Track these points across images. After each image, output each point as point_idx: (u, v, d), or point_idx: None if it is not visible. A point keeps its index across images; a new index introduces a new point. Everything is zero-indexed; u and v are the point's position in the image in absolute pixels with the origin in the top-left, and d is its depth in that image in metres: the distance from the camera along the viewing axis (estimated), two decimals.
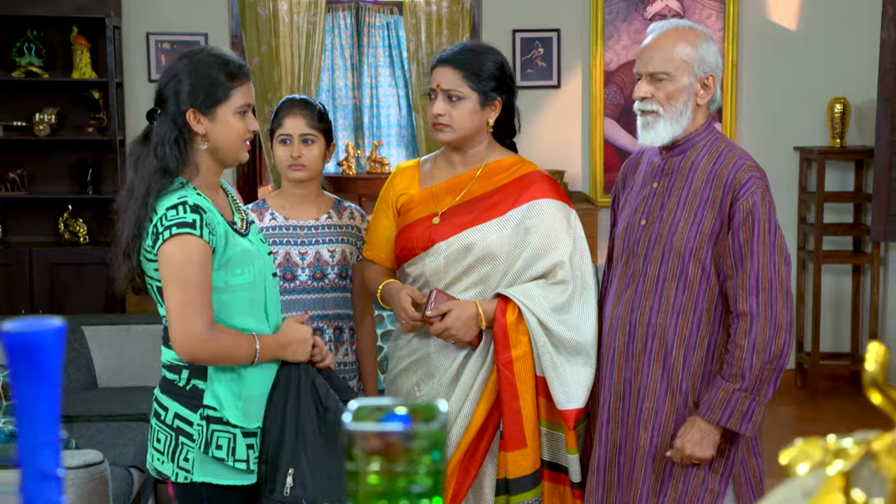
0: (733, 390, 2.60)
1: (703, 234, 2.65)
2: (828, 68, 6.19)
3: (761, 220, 2.59)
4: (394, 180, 2.99)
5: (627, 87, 6.22)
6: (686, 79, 2.66)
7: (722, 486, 2.70)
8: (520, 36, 6.19)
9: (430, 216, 2.87)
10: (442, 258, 2.82)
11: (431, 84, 2.84)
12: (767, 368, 2.60)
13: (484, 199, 2.86)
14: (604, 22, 6.18)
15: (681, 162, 2.73)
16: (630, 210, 2.82)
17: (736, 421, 2.61)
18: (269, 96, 6.11)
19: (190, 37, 6.12)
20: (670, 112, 2.68)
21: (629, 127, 6.23)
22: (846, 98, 6.06)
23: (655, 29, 2.76)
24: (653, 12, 6.18)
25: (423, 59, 6.19)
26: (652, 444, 2.72)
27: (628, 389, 2.76)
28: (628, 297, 2.76)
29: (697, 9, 6.19)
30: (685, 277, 2.67)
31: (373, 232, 3.02)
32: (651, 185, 2.78)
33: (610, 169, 6.22)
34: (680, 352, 2.68)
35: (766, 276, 2.58)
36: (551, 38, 6.18)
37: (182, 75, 2.49)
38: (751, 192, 2.60)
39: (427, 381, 2.88)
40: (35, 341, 0.78)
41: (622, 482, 2.78)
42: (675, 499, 2.71)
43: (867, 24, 6.05)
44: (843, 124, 6.07)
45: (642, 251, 2.75)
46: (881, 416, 0.83)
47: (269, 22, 6.07)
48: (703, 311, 2.67)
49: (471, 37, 6.18)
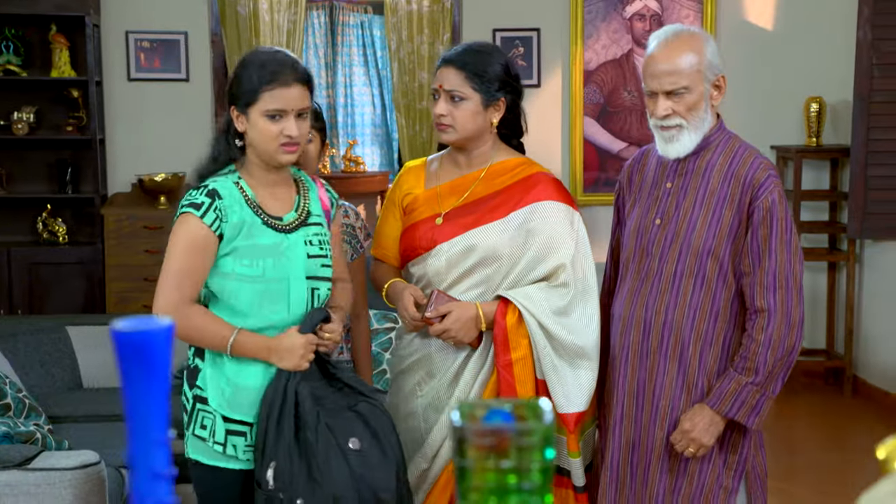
0: (746, 383, 2.64)
1: (722, 232, 2.68)
2: (804, 68, 6.27)
3: (780, 218, 2.65)
4: (401, 179, 2.99)
5: (607, 85, 6.27)
6: (702, 87, 2.67)
7: (735, 482, 2.72)
8: (500, 35, 6.22)
9: (434, 216, 2.87)
10: (444, 259, 2.82)
11: (435, 84, 2.85)
12: (780, 364, 2.64)
13: (487, 201, 2.84)
14: (583, 21, 6.22)
15: (696, 162, 2.75)
16: (642, 210, 2.83)
17: (744, 413, 2.65)
18: None
19: (169, 35, 6.10)
20: (693, 122, 2.69)
21: (608, 126, 6.29)
22: (822, 98, 6.14)
23: (657, 42, 2.73)
24: (632, 12, 6.23)
25: (405, 58, 6.20)
26: (667, 441, 2.73)
27: (643, 388, 2.77)
28: (643, 296, 2.77)
29: (676, 9, 6.25)
30: (703, 275, 2.70)
31: (380, 230, 3.02)
32: (664, 184, 2.79)
33: (589, 167, 6.27)
34: (696, 349, 2.70)
35: (783, 274, 2.63)
36: (531, 38, 6.22)
37: (236, 72, 2.63)
38: (769, 190, 2.65)
39: (428, 381, 2.87)
40: (145, 340, 0.78)
41: (636, 481, 2.78)
42: (689, 496, 2.72)
43: (843, 25, 6.13)
44: (819, 123, 6.15)
45: (657, 250, 2.76)
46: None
47: (249, 20, 6.06)
48: (720, 309, 2.70)
49: (451, 36, 6.20)
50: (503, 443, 0.74)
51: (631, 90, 6.26)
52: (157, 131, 6.17)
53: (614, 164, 6.29)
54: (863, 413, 5.83)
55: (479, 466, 0.74)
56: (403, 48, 6.19)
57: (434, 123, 2.86)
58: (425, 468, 2.84)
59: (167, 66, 6.15)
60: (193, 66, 6.17)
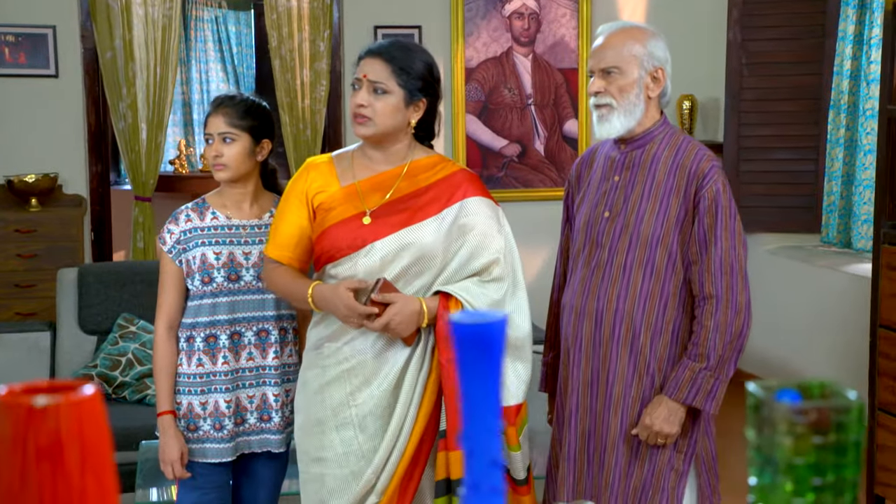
0: (699, 370, 2.73)
1: (670, 222, 2.78)
2: (676, 67, 6.44)
3: (724, 207, 2.75)
4: (306, 176, 2.87)
5: (488, 83, 6.33)
6: (636, 72, 2.81)
7: (686, 465, 2.83)
8: (381, 32, 6.19)
9: (359, 215, 2.79)
10: (378, 258, 2.76)
11: (358, 74, 2.78)
12: (729, 347, 2.74)
13: (415, 198, 2.81)
14: (464, 19, 6.26)
15: (641, 155, 2.86)
16: (590, 204, 2.92)
17: (701, 399, 2.74)
18: (123, 92, 5.87)
19: (36, 29, 5.82)
20: (623, 104, 2.80)
21: (489, 123, 6.35)
22: (694, 96, 6.37)
23: (604, 30, 2.89)
24: (511, 10, 6.31)
25: (286, 55, 6.09)
26: (622, 428, 2.82)
27: (597, 377, 2.84)
28: (594, 287, 2.85)
29: (553, 7, 6.36)
30: (652, 264, 2.79)
31: (278, 230, 2.88)
32: (612, 178, 2.89)
33: (472, 164, 6.32)
34: (647, 336, 2.79)
35: (728, 260, 2.74)
36: (413, 35, 6.21)
37: None
38: (714, 180, 2.76)
39: (364, 390, 2.77)
40: (484, 332, 0.82)
41: (592, 469, 2.86)
42: (642, 478, 2.81)
43: (713, 25, 6.37)
44: (692, 120, 6.38)
45: (607, 241, 2.85)
46: None
47: (121, 14, 5.83)
48: (669, 296, 2.79)
49: (332, 33, 6.14)
50: (824, 419, 0.74)
51: (511, 87, 6.34)
52: (25, 130, 5.87)
53: (496, 160, 6.36)
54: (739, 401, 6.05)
55: (794, 445, 0.75)
56: (284, 45, 6.09)
57: (352, 114, 2.78)
58: (372, 479, 2.76)
59: (34, 61, 5.86)
60: (63, 62, 5.90)
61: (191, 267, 3.01)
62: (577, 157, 6.46)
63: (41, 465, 0.80)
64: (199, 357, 3.01)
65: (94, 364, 4.74)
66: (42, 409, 0.80)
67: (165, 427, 2.99)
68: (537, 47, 6.36)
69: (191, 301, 3.04)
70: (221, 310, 3.02)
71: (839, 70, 5.72)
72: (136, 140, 5.92)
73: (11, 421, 0.81)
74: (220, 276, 3.00)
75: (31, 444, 0.80)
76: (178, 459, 2.97)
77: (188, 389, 3.02)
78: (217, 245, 3.02)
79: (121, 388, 4.72)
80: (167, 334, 3.02)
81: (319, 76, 6.13)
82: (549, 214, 6.19)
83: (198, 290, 3.02)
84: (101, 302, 4.87)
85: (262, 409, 3.05)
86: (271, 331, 3.06)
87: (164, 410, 3.00)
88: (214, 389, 3.01)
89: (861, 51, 5.63)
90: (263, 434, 3.07)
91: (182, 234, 3.02)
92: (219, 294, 3.01)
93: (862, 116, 5.61)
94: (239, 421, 3.04)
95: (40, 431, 0.80)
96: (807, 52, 5.96)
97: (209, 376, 3.01)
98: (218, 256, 3.01)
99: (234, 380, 3.02)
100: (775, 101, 6.00)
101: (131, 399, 4.71)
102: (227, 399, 3.01)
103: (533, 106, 6.38)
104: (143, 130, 5.91)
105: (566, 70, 6.40)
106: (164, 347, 3.02)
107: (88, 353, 4.83)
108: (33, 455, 0.80)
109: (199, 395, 3.01)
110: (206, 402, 3.00)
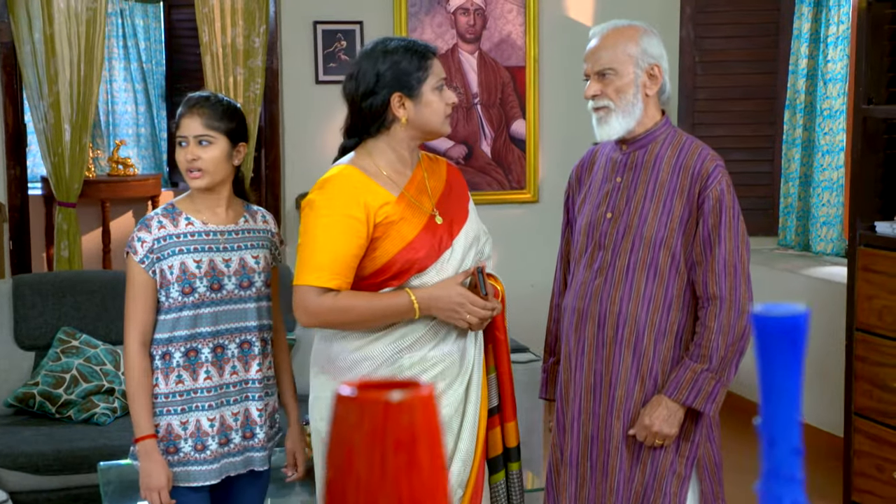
0: (701, 371, 2.70)
1: (673, 223, 2.76)
2: None
3: (728, 207, 2.72)
4: (354, 193, 2.67)
5: None
6: (632, 72, 2.79)
7: (688, 469, 2.78)
8: (321, 28, 5.88)
9: (429, 217, 2.75)
10: (459, 253, 2.76)
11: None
12: (732, 350, 2.71)
13: (449, 191, 2.84)
14: (407, 14, 5.98)
15: (644, 156, 2.83)
16: (592, 206, 2.89)
17: (701, 400, 2.71)
18: (44, 90, 5.42)
19: None
20: (621, 105, 2.78)
21: None
22: None
23: (596, 32, 2.88)
24: (455, 6, 6.05)
25: (218, 51, 5.72)
26: (624, 432, 2.79)
27: (599, 380, 2.82)
28: (596, 289, 2.81)
29: (499, 3, 6.12)
30: (655, 266, 2.76)
31: (333, 255, 2.64)
32: (614, 179, 2.86)
33: None
34: (651, 338, 2.76)
35: (731, 261, 2.71)
36: (354, 31, 5.92)
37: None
38: (718, 180, 2.73)
39: (448, 392, 2.74)
40: (790, 325, 0.81)
41: (595, 475, 2.83)
42: (643, 482, 2.78)
43: (665, 22, 6.20)
44: None
45: (610, 243, 2.81)
46: None
47: (42, 7, 5.39)
48: (673, 298, 2.77)
49: (267, 28, 5.79)
50: None
51: (457, 86, 6.07)
52: None
53: None
54: None
55: None
56: (217, 41, 5.71)
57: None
58: (465, 473, 2.77)
59: None
60: None
61: (166, 277, 2.80)
62: (524, 160, 6.29)
63: (398, 458, 0.83)
64: (179, 374, 2.82)
65: (34, 382, 4.40)
66: (398, 403, 0.83)
67: (148, 452, 2.80)
68: (483, 44, 6.11)
69: (165, 314, 2.82)
70: (204, 322, 2.83)
71: (794, 69, 5.62)
72: (59, 142, 5.49)
73: (369, 416, 0.83)
74: (202, 286, 2.81)
75: (391, 438, 0.83)
76: (165, 486, 2.79)
77: (166, 409, 2.83)
78: (196, 252, 2.83)
79: (65, 406, 4.39)
80: (141, 351, 2.82)
81: (254, 74, 5.77)
82: (497, 218, 5.96)
83: (175, 301, 2.81)
84: (39, 315, 4.54)
85: (245, 425, 2.91)
86: (254, 342, 2.91)
87: (145, 435, 2.81)
88: (196, 407, 2.84)
89: (818, 49, 5.53)
90: (247, 453, 2.93)
91: (155, 242, 2.81)
92: (201, 305, 2.82)
93: (819, 116, 5.52)
94: (223, 441, 2.87)
95: (398, 425, 0.83)
96: (761, 51, 5.86)
97: (189, 393, 2.84)
98: (199, 265, 2.82)
99: (217, 396, 2.86)
100: (730, 100, 5.89)
101: (77, 419, 4.38)
102: (211, 417, 2.85)
103: (479, 105, 6.14)
104: (67, 132, 5.48)
105: (513, 68, 6.17)
106: (139, 365, 2.81)
107: (26, 370, 4.49)
108: (392, 448, 0.83)
109: (179, 414, 2.83)
110: (186, 422, 2.83)
